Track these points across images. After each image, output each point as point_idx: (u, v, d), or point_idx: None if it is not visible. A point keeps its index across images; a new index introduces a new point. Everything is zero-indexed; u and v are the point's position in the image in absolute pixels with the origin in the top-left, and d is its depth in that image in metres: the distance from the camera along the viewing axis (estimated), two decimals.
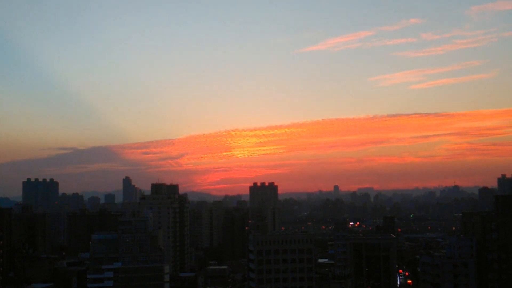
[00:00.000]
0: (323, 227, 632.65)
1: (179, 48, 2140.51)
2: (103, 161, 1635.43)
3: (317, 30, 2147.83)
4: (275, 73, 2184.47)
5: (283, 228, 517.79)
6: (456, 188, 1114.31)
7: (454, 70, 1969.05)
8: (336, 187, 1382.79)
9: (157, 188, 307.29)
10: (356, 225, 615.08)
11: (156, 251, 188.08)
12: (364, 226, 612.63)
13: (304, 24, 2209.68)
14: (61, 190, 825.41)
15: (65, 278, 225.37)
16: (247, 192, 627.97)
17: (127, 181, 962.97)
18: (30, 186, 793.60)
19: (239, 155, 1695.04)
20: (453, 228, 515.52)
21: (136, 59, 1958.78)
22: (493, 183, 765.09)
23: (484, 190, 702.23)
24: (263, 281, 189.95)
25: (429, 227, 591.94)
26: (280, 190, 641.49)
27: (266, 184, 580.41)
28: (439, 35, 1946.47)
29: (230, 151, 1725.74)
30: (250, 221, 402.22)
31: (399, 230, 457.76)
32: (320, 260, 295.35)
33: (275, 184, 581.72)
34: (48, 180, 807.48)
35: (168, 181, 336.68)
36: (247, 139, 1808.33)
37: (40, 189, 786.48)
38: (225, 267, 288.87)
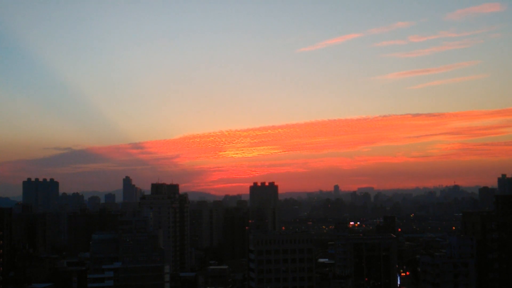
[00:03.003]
0: (324, 227, 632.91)
1: (175, 48, 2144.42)
2: (100, 161, 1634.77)
3: (308, 33, 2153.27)
4: (267, 74, 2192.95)
5: (283, 228, 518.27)
6: (456, 188, 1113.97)
7: (444, 72, 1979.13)
8: (336, 187, 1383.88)
9: (157, 188, 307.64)
10: (356, 225, 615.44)
11: (156, 251, 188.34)
12: (364, 226, 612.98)
13: (296, 26, 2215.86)
14: (61, 190, 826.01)
15: (65, 278, 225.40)
16: (247, 192, 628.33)
17: (127, 181, 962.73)
18: (30, 186, 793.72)
19: (234, 155, 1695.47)
20: (453, 228, 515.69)
21: (132, 58, 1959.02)
22: (488, 183, 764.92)
23: (484, 190, 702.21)
24: (263, 280, 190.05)
25: (429, 227, 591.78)
26: (280, 190, 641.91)
27: (266, 184, 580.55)
28: (426, 37, 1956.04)
29: (225, 151, 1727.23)
30: (250, 221, 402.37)
31: (399, 230, 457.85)
32: (321, 260, 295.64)
33: (275, 184, 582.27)
34: (48, 180, 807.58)
35: (166, 181, 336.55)
36: (241, 139, 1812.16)
37: (40, 189, 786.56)
38: (226, 267, 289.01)
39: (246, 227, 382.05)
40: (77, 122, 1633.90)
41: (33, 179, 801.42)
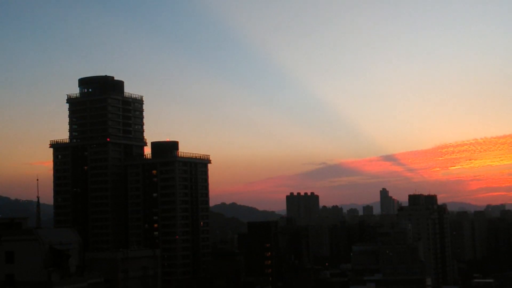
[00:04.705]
0: None
1: (423, 57, 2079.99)
2: (354, 174, 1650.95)
3: None
4: None
5: None
6: None
7: None
8: None
9: (414, 199, 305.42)
10: None
11: (416, 263, 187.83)
12: None
13: None
14: (321, 203, 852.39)
15: None
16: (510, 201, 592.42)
17: (384, 193, 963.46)
18: (293, 199, 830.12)
19: (492, 164, 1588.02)
20: None
21: (383, 69, 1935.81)
22: None
23: None
24: None
25: None
26: None
27: None
28: None
29: (481, 160, 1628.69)
30: None
31: None
32: None
33: None
34: (309, 193, 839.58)
35: (422, 192, 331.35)
36: (498, 146, 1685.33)
37: (302, 203, 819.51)
38: (491, 280, 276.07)
39: None
40: (331, 137, 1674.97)
41: (295, 193, 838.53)
